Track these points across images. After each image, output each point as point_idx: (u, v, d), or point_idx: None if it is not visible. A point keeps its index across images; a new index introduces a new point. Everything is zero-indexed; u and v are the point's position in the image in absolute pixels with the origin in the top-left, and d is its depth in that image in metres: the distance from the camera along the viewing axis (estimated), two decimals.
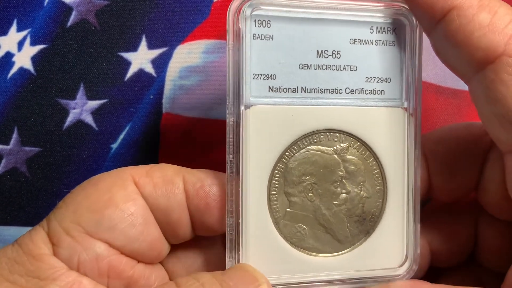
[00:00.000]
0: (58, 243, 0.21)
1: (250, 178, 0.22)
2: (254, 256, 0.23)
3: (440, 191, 0.25)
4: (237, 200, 0.22)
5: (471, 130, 0.25)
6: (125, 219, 0.22)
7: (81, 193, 0.22)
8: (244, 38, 0.22)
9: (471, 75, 0.21)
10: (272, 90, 0.23)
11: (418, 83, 0.24)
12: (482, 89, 0.21)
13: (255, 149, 0.23)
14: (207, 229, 0.23)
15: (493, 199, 0.24)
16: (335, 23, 0.23)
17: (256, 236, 0.23)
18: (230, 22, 0.22)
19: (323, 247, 0.24)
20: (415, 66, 0.24)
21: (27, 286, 0.20)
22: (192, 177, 0.23)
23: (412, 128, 0.24)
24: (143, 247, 0.22)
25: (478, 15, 0.20)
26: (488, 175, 0.24)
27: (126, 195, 0.22)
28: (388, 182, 0.24)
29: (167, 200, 0.22)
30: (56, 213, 0.22)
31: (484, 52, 0.20)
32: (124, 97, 0.30)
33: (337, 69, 0.23)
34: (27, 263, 0.21)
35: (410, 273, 0.24)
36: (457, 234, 0.26)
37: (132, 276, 0.22)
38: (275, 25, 0.23)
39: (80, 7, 0.30)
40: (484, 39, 0.20)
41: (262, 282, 0.21)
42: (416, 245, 0.24)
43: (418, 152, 0.24)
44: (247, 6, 0.22)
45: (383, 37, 0.24)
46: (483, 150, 0.25)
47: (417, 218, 0.24)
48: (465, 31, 0.20)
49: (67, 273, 0.21)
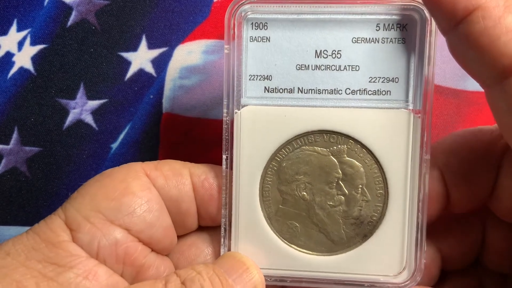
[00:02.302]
0: (78, 229, 0.22)
1: (242, 174, 0.23)
2: (244, 246, 0.24)
3: (458, 204, 0.24)
4: (230, 193, 0.24)
5: (482, 137, 0.24)
6: (143, 205, 0.23)
7: (95, 184, 0.23)
8: (240, 41, 0.23)
9: (492, 82, 0.20)
10: (268, 91, 0.23)
11: (429, 84, 0.22)
12: (506, 97, 0.19)
13: (248, 147, 0.23)
14: (210, 219, 0.24)
15: (506, 206, 0.24)
16: (335, 23, 0.23)
17: (247, 228, 0.24)
18: (227, 25, 0.22)
19: (316, 246, 0.24)
20: (426, 65, 0.22)
21: (44, 272, 0.21)
22: (197, 170, 0.24)
23: (418, 131, 0.23)
24: (159, 233, 0.23)
25: (505, 17, 0.19)
26: (503, 182, 0.23)
27: (141, 184, 0.23)
28: (390, 187, 0.23)
29: (178, 190, 0.24)
30: (72, 202, 0.23)
31: (510, 59, 0.19)
32: (124, 97, 0.30)
33: (337, 69, 0.23)
34: (46, 249, 0.21)
35: (412, 282, 0.23)
36: (467, 239, 0.25)
37: (143, 265, 0.23)
38: (272, 27, 0.23)
39: (80, 7, 0.30)
40: (511, 45, 0.19)
41: (249, 265, 0.22)
42: (421, 254, 0.23)
43: (427, 157, 0.23)
44: (244, 9, 0.23)
45: (391, 34, 0.23)
46: (496, 156, 0.24)
47: (423, 226, 0.23)
48: (491, 34, 0.19)
49: (85, 261, 0.21)
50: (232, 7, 0.23)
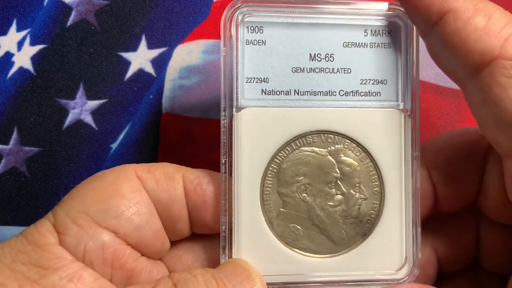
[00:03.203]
0: (65, 232, 0.21)
1: (243, 178, 0.23)
2: (246, 254, 0.23)
3: (446, 202, 0.25)
4: (230, 199, 0.23)
5: (467, 136, 0.25)
6: (131, 207, 0.22)
7: (86, 186, 0.23)
8: (237, 44, 0.23)
9: (466, 78, 0.21)
10: (265, 93, 0.24)
11: (415, 85, 0.24)
12: (479, 92, 0.21)
13: (247, 150, 0.23)
14: (204, 226, 0.24)
15: (493, 204, 0.24)
16: (327, 27, 0.24)
17: (249, 234, 0.23)
18: (223, 28, 0.23)
19: (317, 248, 0.24)
20: (412, 67, 0.24)
21: (28, 275, 0.20)
22: (191, 175, 0.24)
23: (409, 130, 0.24)
24: (148, 236, 0.23)
25: (474, 18, 0.20)
26: (488, 180, 0.24)
27: (131, 186, 0.23)
28: (385, 184, 0.24)
29: (168, 194, 0.23)
30: (62, 205, 0.22)
31: (480, 55, 0.20)
32: (124, 97, 0.30)
33: (331, 72, 0.24)
34: (31, 252, 0.21)
35: (411, 277, 0.24)
36: (461, 239, 0.26)
37: (134, 269, 0.23)
38: (267, 30, 0.24)
39: (79, 7, 0.30)
40: (480, 42, 0.20)
41: (252, 272, 0.22)
42: (417, 249, 0.24)
43: (417, 154, 0.24)
44: (240, 13, 0.23)
45: (378, 39, 0.24)
46: (481, 155, 0.24)
47: (418, 221, 0.24)
48: (461, 34, 0.20)
49: (70, 264, 0.21)
50: (228, 10, 0.23)
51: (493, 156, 0.24)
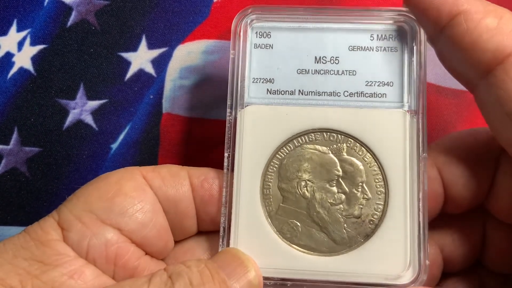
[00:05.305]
0: (69, 228, 0.22)
1: (244, 172, 0.24)
2: (244, 246, 0.23)
3: (456, 204, 0.25)
4: (230, 191, 0.24)
5: (478, 137, 0.25)
6: (136, 205, 0.23)
7: (91, 186, 0.23)
8: (245, 48, 0.24)
9: (478, 78, 0.21)
10: (270, 93, 0.24)
11: (422, 86, 0.24)
12: (492, 90, 0.21)
13: (249, 145, 0.24)
14: (211, 222, 0.24)
15: (503, 205, 0.24)
16: (333, 31, 0.25)
17: (247, 226, 0.23)
18: (233, 33, 0.24)
19: (317, 246, 0.23)
20: (419, 70, 0.24)
21: (29, 270, 0.21)
22: (196, 171, 0.24)
23: (415, 131, 0.24)
24: (152, 234, 0.23)
25: (485, 19, 0.21)
26: (499, 181, 0.24)
27: (135, 185, 0.23)
28: (389, 185, 0.23)
29: (175, 191, 0.24)
30: (67, 204, 0.23)
31: (492, 53, 0.20)
32: (124, 97, 0.30)
33: (336, 74, 0.24)
34: (34, 247, 0.21)
35: (416, 283, 0.23)
36: (468, 239, 0.25)
37: (137, 267, 0.23)
38: (275, 35, 0.25)
39: (80, 7, 0.30)
40: (492, 41, 0.20)
41: (245, 260, 0.22)
42: (424, 254, 0.23)
43: (424, 155, 0.23)
44: (249, 19, 0.24)
45: (384, 43, 0.24)
46: (493, 156, 0.24)
47: (425, 225, 0.23)
48: (473, 34, 0.21)
49: (72, 261, 0.21)
50: (239, 16, 0.24)
51: (505, 157, 0.24)
